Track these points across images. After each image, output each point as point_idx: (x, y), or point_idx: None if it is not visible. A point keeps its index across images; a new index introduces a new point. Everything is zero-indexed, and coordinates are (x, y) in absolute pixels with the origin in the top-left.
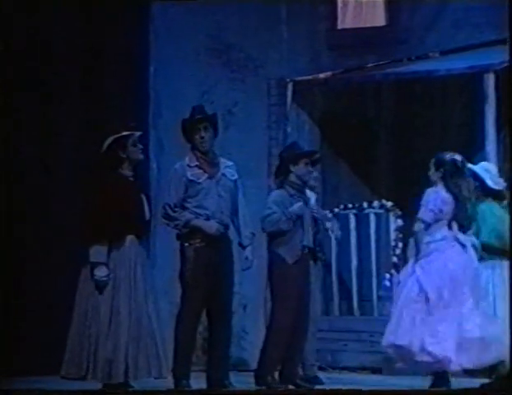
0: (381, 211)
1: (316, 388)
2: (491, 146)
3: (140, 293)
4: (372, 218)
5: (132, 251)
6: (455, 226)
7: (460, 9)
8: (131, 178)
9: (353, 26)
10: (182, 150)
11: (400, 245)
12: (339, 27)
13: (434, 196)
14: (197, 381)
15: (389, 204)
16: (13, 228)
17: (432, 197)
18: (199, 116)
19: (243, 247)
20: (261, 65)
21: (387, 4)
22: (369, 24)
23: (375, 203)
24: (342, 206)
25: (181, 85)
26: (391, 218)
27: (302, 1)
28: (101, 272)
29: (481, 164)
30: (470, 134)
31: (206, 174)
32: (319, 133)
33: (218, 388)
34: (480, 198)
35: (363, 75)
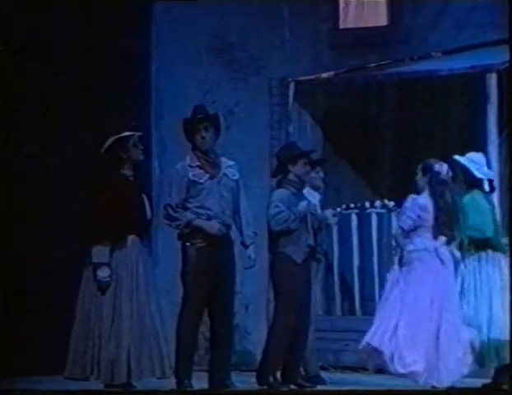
0: (383, 211)
1: (318, 388)
2: (493, 146)
3: (142, 293)
4: (374, 218)
5: (133, 251)
6: (437, 236)
7: (462, 9)
8: (131, 177)
9: (355, 26)
10: (184, 150)
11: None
12: (341, 27)
13: (411, 203)
14: (199, 381)
15: (391, 204)
16: (13, 228)
17: (410, 204)
18: (200, 116)
19: (245, 246)
20: (263, 65)
21: (389, 4)
22: (371, 24)
23: (377, 203)
24: (344, 205)
25: (183, 84)
26: (393, 218)
27: (304, 1)
28: (104, 273)
29: (467, 154)
30: (472, 134)
31: (207, 174)
32: (321, 133)
33: (220, 388)
34: (466, 189)
35: (365, 75)
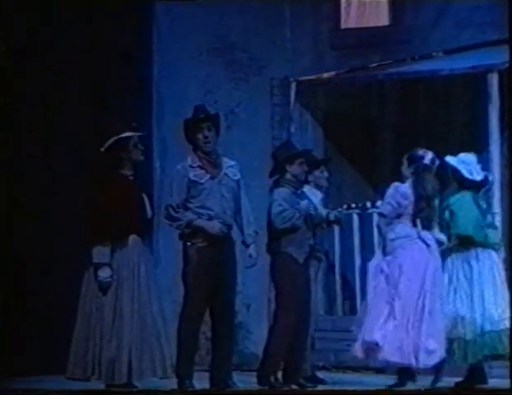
0: None
1: (319, 388)
2: (495, 146)
3: (143, 293)
4: (375, 218)
5: (135, 251)
6: (419, 223)
7: (463, 9)
8: (131, 177)
9: (356, 26)
10: (185, 150)
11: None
12: (342, 27)
13: (393, 190)
14: (200, 381)
15: None
16: (13, 228)
17: (391, 192)
18: (202, 116)
19: (246, 245)
20: (264, 65)
21: (390, 4)
22: (372, 24)
23: (379, 203)
24: (346, 205)
25: (184, 85)
26: None
27: (305, 1)
28: (105, 273)
29: (459, 155)
30: (473, 134)
31: (208, 175)
32: (323, 133)
33: (221, 388)
34: (456, 190)
35: (366, 74)
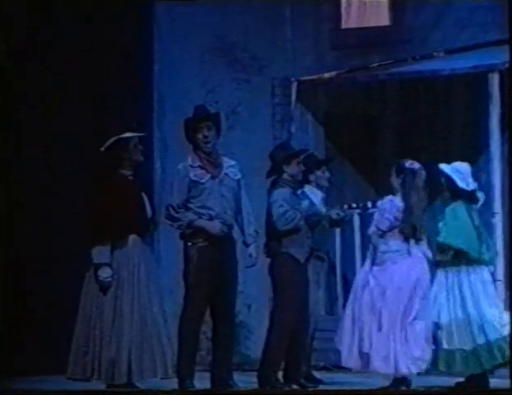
0: None
1: (320, 388)
2: (495, 146)
3: (144, 293)
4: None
5: (135, 250)
6: (409, 236)
7: (464, 8)
8: (131, 177)
9: (357, 26)
10: (186, 150)
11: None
12: (343, 27)
13: (389, 204)
14: (201, 381)
15: None
16: (14, 228)
17: (388, 206)
18: (202, 115)
19: (246, 245)
20: (265, 65)
21: (391, 4)
22: (373, 23)
23: (379, 203)
24: (346, 205)
25: (185, 85)
26: None
27: (306, 1)
28: (105, 273)
29: (453, 164)
30: (474, 134)
31: (208, 175)
32: (323, 133)
33: (222, 388)
34: (449, 199)
35: (367, 74)
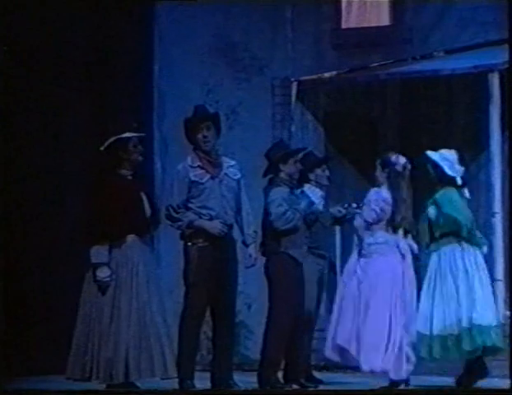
0: None
1: (320, 388)
2: (496, 145)
3: (142, 292)
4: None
5: (134, 250)
6: (396, 228)
7: (465, 8)
8: (129, 176)
9: (358, 26)
10: (186, 150)
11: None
12: (344, 27)
13: (375, 196)
14: (201, 381)
15: None
16: (14, 228)
17: (374, 197)
18: (201, 115)
19: (246, 245)
20: (266, 65)
21: (391, 3)
22: (373, 23)
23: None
24: (346, 204)
25: (186, 84)
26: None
27: (307, 1)
28: (103, 273)
29: (440, 151)
30: (475, 133)
31: (208, 175)
32: (324, 132)
33: (222, 388)
34: (438, 186)
35: (368, 74)
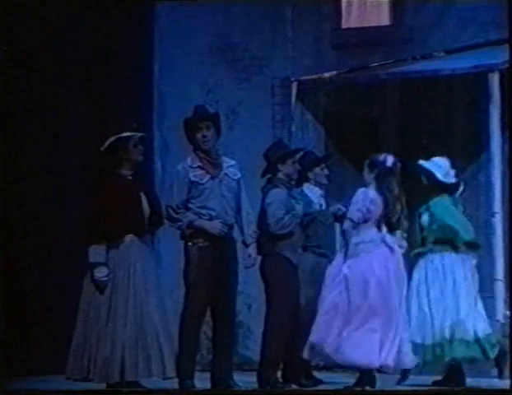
0: None
1: (320, 388)
2: (496, 146)
3: (140, 292)
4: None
5: (132, 250)
6: (384, 227)
7: (465, 8)
8: (129, 176)
9: (358, 26)
10: (186, 150)
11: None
12: (344, 27)
13: (362, 196)
14: (201, 381)
15: None
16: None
17: (361, 198)
18: (201, 115)
19: (246, 245)
20: (266, 64)
21: (391, 3)
22: (373, 23)
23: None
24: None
25: (186, 84)
26: None
27: (307, 1)
28: (101, 273)
29: (432, 159)
30: (475, 133)
31: (208, 175)
32: (324, 132)
33: (222, 388)
34: (432, 193)
35: (367, 74)
